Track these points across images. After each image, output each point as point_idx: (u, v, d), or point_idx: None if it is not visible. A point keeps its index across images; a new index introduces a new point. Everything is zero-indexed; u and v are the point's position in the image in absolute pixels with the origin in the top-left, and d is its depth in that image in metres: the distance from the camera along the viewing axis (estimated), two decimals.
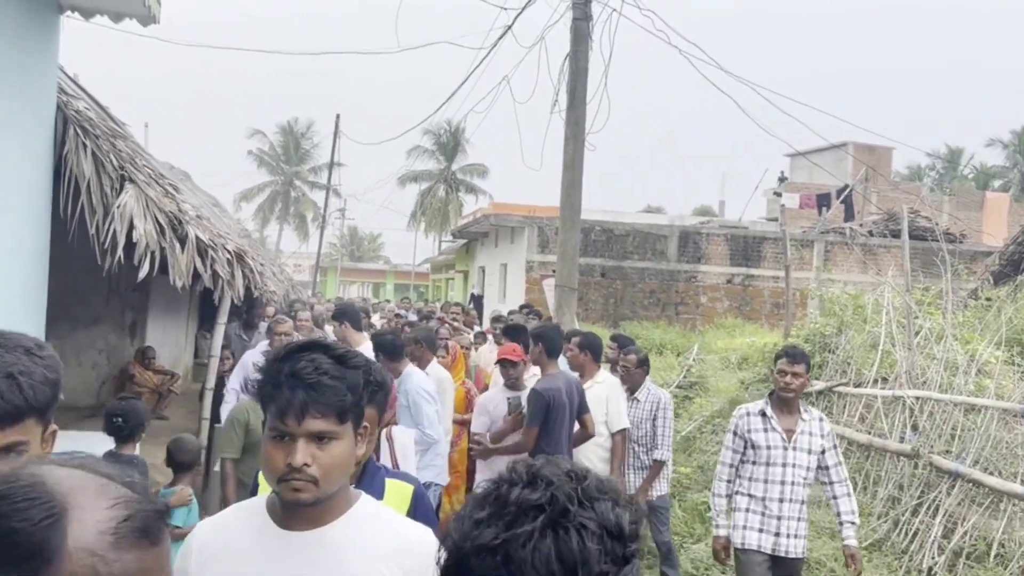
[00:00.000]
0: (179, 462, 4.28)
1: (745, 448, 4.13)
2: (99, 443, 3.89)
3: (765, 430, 4.10)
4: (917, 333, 6.17)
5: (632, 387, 5.56)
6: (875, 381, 6.41)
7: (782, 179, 29.91)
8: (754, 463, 4.10)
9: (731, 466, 4.20)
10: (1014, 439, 4.94)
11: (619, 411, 5.24)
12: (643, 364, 5.66)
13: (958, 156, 52.90)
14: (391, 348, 4.85)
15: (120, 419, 3.99)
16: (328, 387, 1.53)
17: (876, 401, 6.20)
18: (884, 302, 6.79)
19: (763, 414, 4.13)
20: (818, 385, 6.86)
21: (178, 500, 4.11)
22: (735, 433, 4.18)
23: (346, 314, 6.34)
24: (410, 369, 4.98)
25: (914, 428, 5.82)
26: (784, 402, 4.11)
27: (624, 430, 5.21)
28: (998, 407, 5.05)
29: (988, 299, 9.51)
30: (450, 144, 47.86)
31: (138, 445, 4.18)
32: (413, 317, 12.64)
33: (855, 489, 5.96)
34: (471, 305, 19.78)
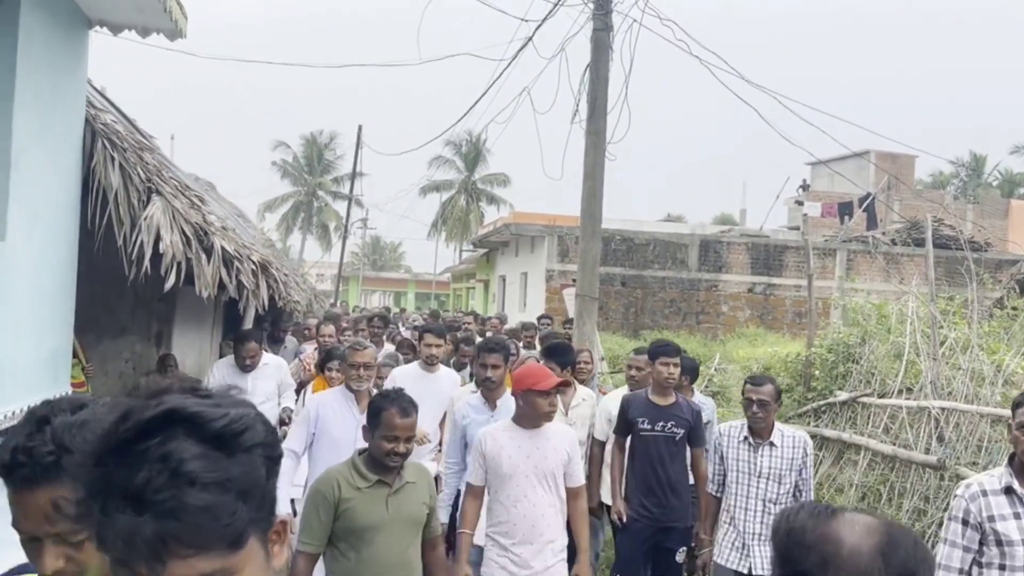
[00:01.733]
0: None
1: (983, 544, 2.77)
2: None
3: (1017, 516, 2.74)
4: (942, 343, 6.10)
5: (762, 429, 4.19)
6: (900, 392, 6.34)
7: (804, 187, 29.75)
8: (1001, 568, 2.73)
9: (960, 572, 2.81)
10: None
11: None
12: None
13: (982, 163, 52.37)
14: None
15: None
16: (200, 510, 0.87)
17: (901, 412, 6.14)
18: (908, 312, 6.74)
19: (1009, 491, 2.78)
20: (842, 396, 6.80)
21: None
22: (965, 522, 2.80)
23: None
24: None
25: (940, 439, 5.75)
26: None
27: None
28: (996, 414, 4.99)
29: (1014, 308, 9.38)
30: (471, 154, 48.08)
31: None
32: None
33: (879, 500, 5.90)
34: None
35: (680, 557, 4.67)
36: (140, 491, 0.86)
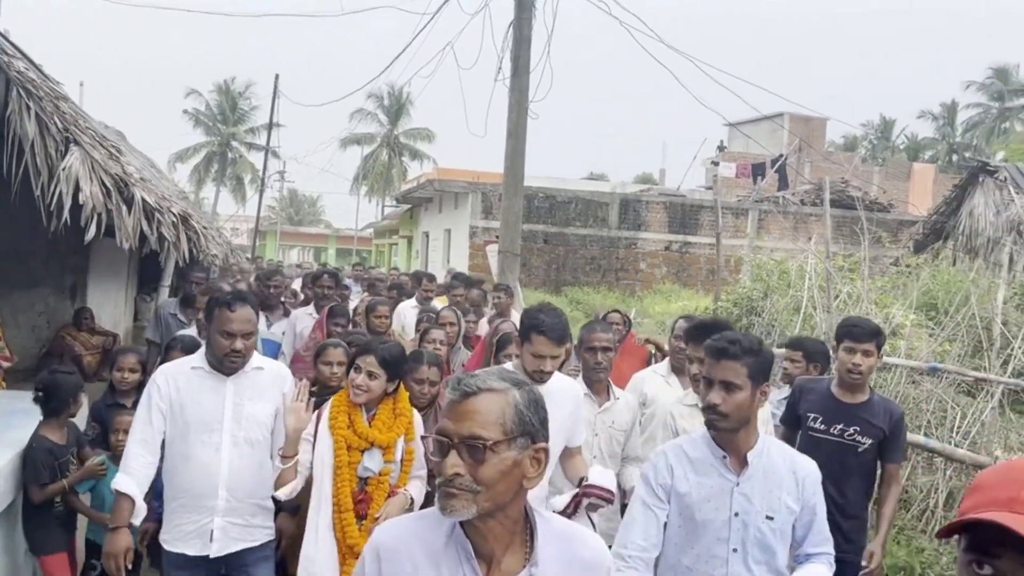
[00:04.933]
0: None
1: None
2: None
3: None
4: (836, 297, 6.58)
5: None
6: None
7: (721, 148, 30.60)
8: None
9: None
10: (919, 395, 5.39)
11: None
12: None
13: (891, 127, 54.53)
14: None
15: (41, 393, 3.77)
16: None
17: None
18: (807, 268, 7.21)
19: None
20: None
21: (85, 473, 3.74)
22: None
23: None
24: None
25: None
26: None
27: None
28: (906, 365, 5.48)
29: (908, 266, 10.07)
30: (394, 107, 47.33)
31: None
32: (356, 288, 11.83)
33: None
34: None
35: None
36: None
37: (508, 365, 3.47)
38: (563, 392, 3.32)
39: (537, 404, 1.56)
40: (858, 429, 3.52)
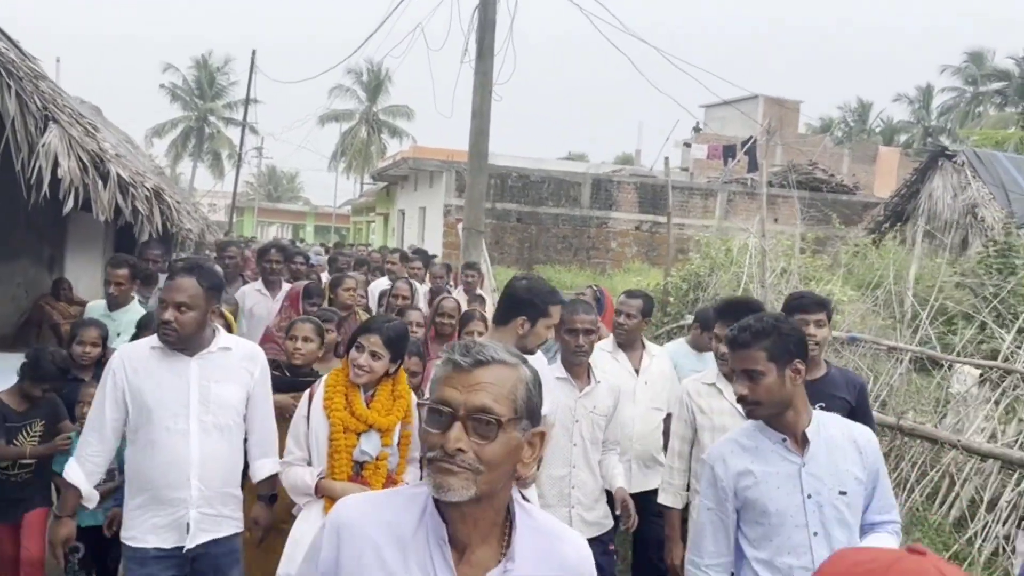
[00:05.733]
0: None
1: None
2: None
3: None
4: (774, 272, 7.04)
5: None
6: None
7: (697, 129, 31.01)
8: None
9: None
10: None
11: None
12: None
13: (868, 110, 55.01)
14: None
15: (25, 363, 3.88)
16: None
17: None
18: (749, 246, 7.67)
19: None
20: (690, 319, 7.72)
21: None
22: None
23: None
24: None
25: None
26: None
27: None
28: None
29: (856, 245, 10.55)
30: (372, 84, 47.28)
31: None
32: (319, 258, 11.74)
33: None
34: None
35: None
36: None
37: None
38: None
39: (539, 386, 1.46)
40: (823, 405, 3.16)
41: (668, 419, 3.99)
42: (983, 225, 15.37)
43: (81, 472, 2.93)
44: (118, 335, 4.62)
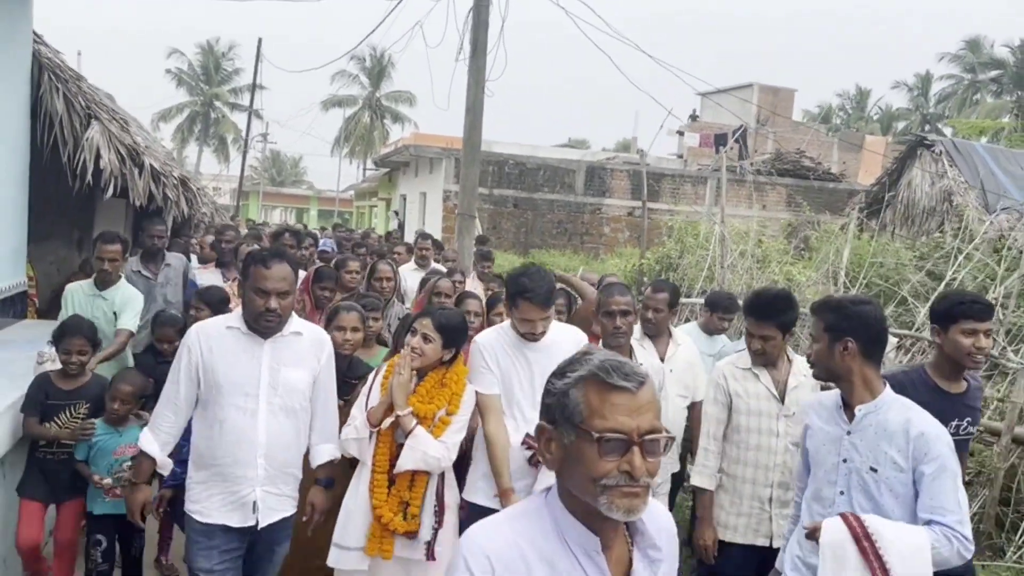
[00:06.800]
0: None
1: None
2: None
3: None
4: (738, 255, 7.85)
5: None
6: (702, 293, 8.10)
7: (694, 118, 31.67)
8: None
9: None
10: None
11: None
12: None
13: (867, 97, 55.22)
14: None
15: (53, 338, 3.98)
16: None
17: (696, 307, 7.90)
18: (714, 231, 8.47)
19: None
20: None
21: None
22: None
23: None
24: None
25: None
26: None
27: None
28: None
29: (826, 231, 11.31)
30: (375, 70, 47.77)
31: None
32: (328, 242, 12.67)
33: None
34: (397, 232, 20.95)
35: None
36: None
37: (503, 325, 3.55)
38: (568, 341, 3.41)
39: None
40: (970, 422, 3.10)
41: (691, 407, 4.20)
42: (957, 212, 16.10)
43: (156, 442, 3.02)
44: (114, 314, 4.64)
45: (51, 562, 3.84)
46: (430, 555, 3.16)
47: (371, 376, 3.34)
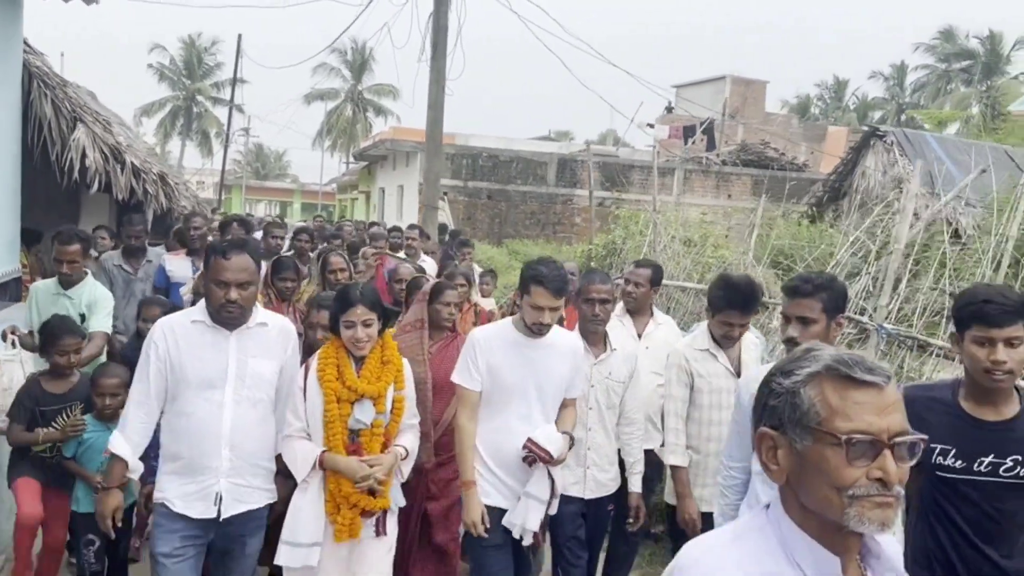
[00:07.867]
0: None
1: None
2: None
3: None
4: (669, 239, 8.62)
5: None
6: None
7: (669, 110, 32.42)
8: None
9: None
10: (698, 309, 7.36)
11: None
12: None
13: (844, 87, 55.85)
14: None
15: (40, 336, 3.92)
16: None
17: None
18: (652, 219, 9.23)
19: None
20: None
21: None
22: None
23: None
24: None
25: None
26: None
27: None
28: (697, 288, 7.48)
29: (770, 218, 12.05)
30: (357, 62, 48.04)
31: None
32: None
33: None
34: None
35: None
36: None
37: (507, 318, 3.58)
38: (566, 345, 3.43)
39: None
40: (1018, 459, 2.33)
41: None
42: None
43: (127, 445, 2.98)
44: (81, 315, 4.42)
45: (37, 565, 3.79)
46: (381, 530, 3.20)
47: (301, 374, 3.19)
